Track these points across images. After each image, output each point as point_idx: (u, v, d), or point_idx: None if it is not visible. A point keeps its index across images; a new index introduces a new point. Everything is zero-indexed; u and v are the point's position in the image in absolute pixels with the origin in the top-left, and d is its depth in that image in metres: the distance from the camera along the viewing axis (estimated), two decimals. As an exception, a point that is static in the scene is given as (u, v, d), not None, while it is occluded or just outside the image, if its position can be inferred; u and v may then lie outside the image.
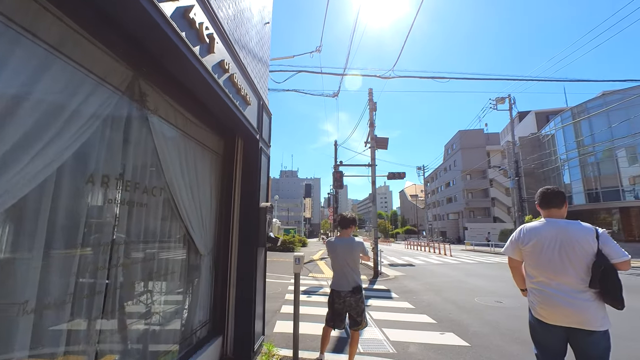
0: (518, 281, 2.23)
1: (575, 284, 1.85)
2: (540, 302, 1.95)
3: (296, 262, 2.98)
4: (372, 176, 12.68)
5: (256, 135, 3.14)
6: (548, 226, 2.00)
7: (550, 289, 1.90)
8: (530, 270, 2.04)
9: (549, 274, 1.92)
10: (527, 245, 2.02)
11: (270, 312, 5.18)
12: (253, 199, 3.13)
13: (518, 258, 2.12)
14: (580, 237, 1.89)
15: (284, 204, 77.72)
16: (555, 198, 2.11)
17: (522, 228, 2.12)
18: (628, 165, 25.79)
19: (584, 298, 1.83)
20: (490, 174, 46.47)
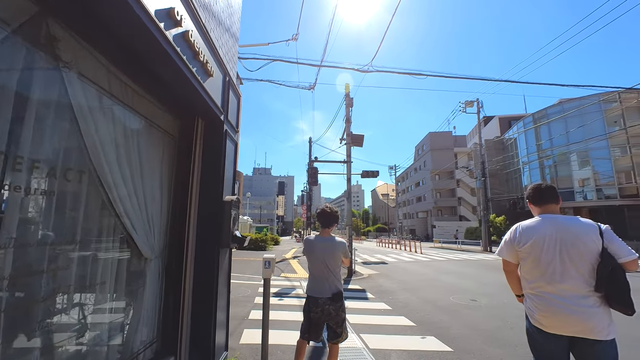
0: (514, 286, 2.01)
1: (579, 288, 1.64)
2: (540, 310, 1.73)
3: (265, 265, 2.54)
4: (348, 173, 12.44)
5: (220, 116, 2.64)
6: (546, 223, 1.79)
7: (551, 295, 1.70)
8: (527, 274, 1.82)
9: (550, 277, 1.70)
10: (524, 246, 1.80)
11: (236, 319, 4.68)
12: (215, 192, 2.63)
13: (514, 261, 1.90)
14: (583, 234, 1.69)
15: (257, 202, 76.15)
16: (550, 193, 1.93)
17: (517, 227, 1.91)
18: (578, 168, 27.93)
19: (589, 304, 1.62)
20: (457, 174, 48.55)
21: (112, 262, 1.83)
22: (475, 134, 44.78)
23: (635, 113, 25.90)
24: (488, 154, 30.17)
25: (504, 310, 5.53)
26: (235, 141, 3.13)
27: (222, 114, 2.65)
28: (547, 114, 29.74)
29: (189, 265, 2.46)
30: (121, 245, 1.92)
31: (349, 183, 12.09)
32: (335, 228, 8.76)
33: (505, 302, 6.27)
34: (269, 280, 2.58)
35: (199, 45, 2.09)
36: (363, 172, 14.79)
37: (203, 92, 2.23)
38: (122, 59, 1.81)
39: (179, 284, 2.43)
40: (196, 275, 2.48)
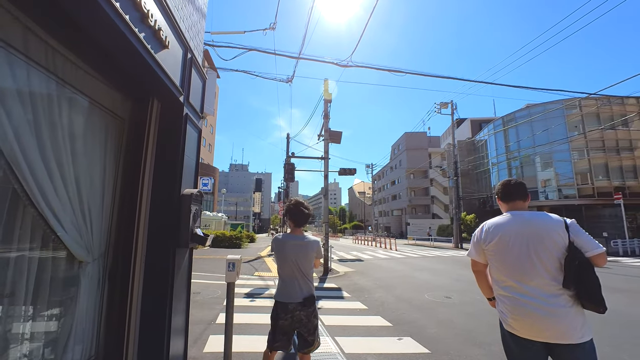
0: (484, 289, 1.93)
1: (548, 285, 1.56)
2: (511, 312, 1.64)
3: (229, 268, 2.25)
4: (325, 170, 12.25)
5: (179, 97, 2.30)
6: (512, 220, 1.72)
7: (519, 295, 1.61)
8: (496, 274, 1.74)
9: (518, 275, 1.62)
10: (490, 243, 1.73)
11: (202, 324, 4.32)
12: (172, 184, 2.29)
13: (482, 260, 1.82)
14: (548, 229, 1.62)
15: (233, 198, 74.49)
16: (518, 189, 1.85)
17: (483, 225, 1.84)
18: (542, 170, 29.65)
19: (560, 303, 1.53)
20: (431, 174, 50.07)
21: (29, 268, 1.47)
22: (448, 135, 46.34)
23: (594, 119, 27.85)
24: (460, 155, 31.22)
25: (477, 306, 5.57)
26: (199, 128, 2.79)
27: (180, 94, 2.31)
28: (515, 117, 31.26)
29: (138, 268, 2.12)
30: (43, 247, 1.55)
31: (326, 180, 11.90)
32: (313, 225, 8.42)
33: (478, 298, 6.35)
34: (234, 285, 2.29)
35: (149, 7, 1.75)
36: (340, 169, 14.68)
37: (155, 65, 1.89)
38: (45, 18, 1.44)
39: (125, 290, 2.07)
40: (147, 279, 2.14)
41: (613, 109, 27.55)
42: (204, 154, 44.75)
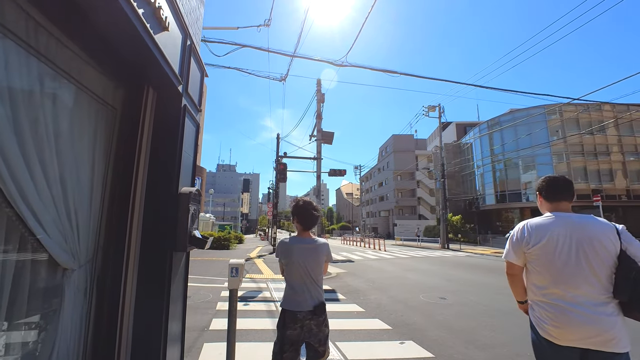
0: (518, 292, 1.80)
1: (597, 294, 1.48)
2: (552, 319, 1.53)
3: (232, 273, 2.07)
4: (318, 170, 12.13)
5: (178, 87, 2.10)
6: (559, 222, 1.60)
7: (565, 303, 1.51)
8: (537, 279, 1.62)
9: (565, 283, 1.52)
10: (535, 246, 1.60)
11: (195, 330, 4.08)
12: (169, 181, 2.08)
13: (520, 263, 1.70)
14: (600, 234, 1.52)
15: (220, 199, 73.33)
16: (567, 189, 1.74)
17: (525, 225, 1.69)
18: (523, 172, 30.55)
19: (608, 312, 1.46)
20: (418, 175, 50.79)
21: (4, 277, 1.25)
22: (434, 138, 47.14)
23: (574, 124, 28.94)
24: (446, 158, 31.80)
25: (474, 308, 5.56)
26: (197, 122, 2.59)
27: (179, 84, 2.11)
28: (499, 121, 32.11)
29: (131, 274, 1.90)
30: (20, 251, 1.33)
31: (318, 180, 11.78)
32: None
33: (472, 299, 6.37)
34: (236, 292, 2.11)
35: (150, -17, 1.55)
36: (331, 170, 14.61)
37: (154, 48, 1.69)
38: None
39: (115, 299, 1.85)
40: (140, 286, 1.92)
41: (591, 115, 28.72)
42: (189, 153, 43.70)
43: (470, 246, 25.25)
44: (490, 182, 33.56)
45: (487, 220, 34.41)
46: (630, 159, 28.57)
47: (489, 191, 33.89)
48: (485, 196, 34.31)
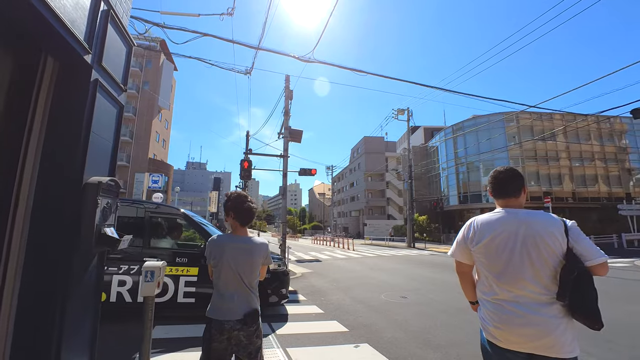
0: (468, 291, 1.72)
1: (540, 295, 1.39)
2: (495, 320, 1.45)
3: (146, 277, 1.75)
4: (284, 168, 11.82)
5: (84, 57, 1.76)
6: (506, 218, 1.51)
7: (507, 302, 1.43)
8: (483, 278, 1.55)
9: (507, 282, 1.44)
10: (478, 244, 1.52)
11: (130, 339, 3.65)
12: (69, 169, 1.73)
13: (468, 262, 1.62)
14: (546, 231, 1.42)
15: (188, 198, 70.34)
16: (511, 182, 1.60)
17: (472, 222, 1.62)
18: (483, 175, 32.32)
19: (551, 314, 1.36)
20: (387, 177, 52.10)
21: None
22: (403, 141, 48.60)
23: (528, 131, 31.09)
24: (414, 160, 32.84)
25: (432, 306, 5.60)
26: (120, 104, 2.23)
27: (87, 54, 1.77)
28: (463, 126, 33.74)
29: (9, 288, 1.53)
30: None
31: (285, 178, 11.48)
32: (273, 225, 7.79)
33: (432, 297, 6.44)
34: (153, 301, 1.79)
35: None
36: (301, 169, 14.36)
37: (37, 2, 1.35)
38: None
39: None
40: (24, 304, 1.55)
41: (544, 123, 31.05)
42: (157, 150, 41.37)
43: (434, 245, 26.20)
44: (454, 184, 35.17)
45: (451, 220, 36.00)
46: (576, 165, 31.27)
47: (452, 192, 35.50)
48: (450, 197, 35.90)
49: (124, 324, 4.18)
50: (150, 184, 34.80)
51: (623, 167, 31.84)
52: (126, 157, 34.64)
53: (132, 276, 4.15)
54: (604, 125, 31.60)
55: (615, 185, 31.40)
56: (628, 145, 32.37)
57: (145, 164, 35.88)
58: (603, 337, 3.92)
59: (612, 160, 31.94)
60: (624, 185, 31.52)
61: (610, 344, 3.76)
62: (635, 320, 4.86)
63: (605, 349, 3.62)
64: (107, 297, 4.07)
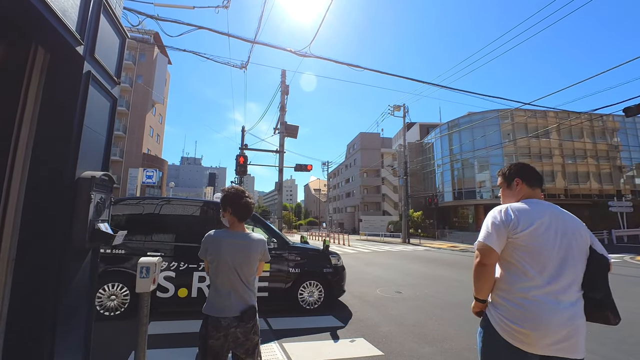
0: (486, 288, 1.45)
1: (576, 290, 1.35)
2: (527, 319, 1.29)
3: (142, 274, 1.74)
4: (280, 164, 11.79)
5: (77, 48, 1.71)
6: (543, 208, 1.45)
7: (547, 299, 1.29)
8: (517, 270, 1.37)
9: (551, 275, 1.33)
10: (524, 231, 1.36)
11: (126, 335, 3.63)
12: (62, 163, 1.69)
13: (500, 251, 1.40)
14: (580, 226, 1.44)
15: (183, 193, 69.97)
16: (539, 174, 1.65)
17: (507, 208, 1.45)
18: (478, 172, 32.60)
19: (580, 313, 1.34)
20: (383, 173, 52.28)
21: None
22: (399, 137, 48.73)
23: (523, 129, 31.35)
24: (409, 156, 32.99)
25: (427, 301, 5.66)
26: (114, 97, 2.18)
27: (80, 45, 1.72)
28: (458, 123, 33.88)
29: (2, 283, 1.50)
30: None
31: (280, 174, 11.46)
32: (268, 221, 7.73)
33: (426, 292, 6.51)
34: (149, 297, 1.78)
35: None
36: (297, 165, 14.34)
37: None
38: None
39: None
40: (15, 302, 1.52)
41: (538, 121, 31.34)
42: (151, 144, 40.92)
43: (429, 240, 26.46)
44: (449, 180, 35.43)
45: (445, 216, 36.34)
46: (569, 162, 31.68)
47: (447, 189, 35.78)
48: (444, 193, 36.17)
49: (119, 320, 4.16)
50: (144, 179, 34.49)
51: (614, 164, 32.34)
52: (119, 151, 34.23)
53: None
54: (596, 123, 32.00)
55: (607, 183, 31.92)
56: (619, 143, 32.86)
57: (139, 158, 35.49)
58: (592, 331, 4.01)
59: (604, 157, 32.42)
60: (614, 182, 32.06)
61: (600, 337, 3.84)
62: (625, 315, 4.96)
63: (596, 343, 3.70)
64: (188, 292, 4.36)
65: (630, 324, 4.43)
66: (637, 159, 32.72)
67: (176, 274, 4.36)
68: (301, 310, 4.86)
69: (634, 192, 31.90)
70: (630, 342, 3.76)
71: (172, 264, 4.37)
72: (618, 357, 3.36)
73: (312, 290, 5.02)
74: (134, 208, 4.82)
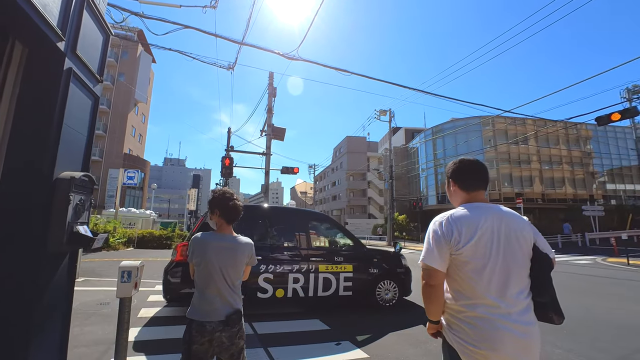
0: (437, 309, 1.36)
1: (524, 299, 1.25)
2: (483, 339, 1.20)
3: (123, 278, 1.68)
4: (267, 166, 11.71)
5: (58, 44, 1.65)
6: (486, 213, 1.30)
7: (499, 315, 1.20)
8: (464, 287, 1.28)
9: (499, 289, 1.23)
10: (467, 244, 1.25)
11: (104, 344, 3.49)
12: (39, 162, 1.62)
13: (444, 269, 1.30)
14: (521, 226, 1.30)
15: (166, 195, 68.11)
16: (484, 174, 1.44)
17: (447, 218, 1.32)
18: (461, 176, 33.43)
19: (532, 321, 1.24)
20: (369, 176, 52.81)
21: None
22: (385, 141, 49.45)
23: (503, 135, 32.47)
24: (395, 160, 33.52)
25: (410, 303, 5.74)
26: (96, 95, 2.12)
27: (61, 41, 1.66)
28: (442, 128, 34.76)
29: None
30: None
31: (267, 176, 11.37)
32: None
33: (412, 294, 6.59)
34: (130, 302, 1.72)
35: None
36: (283, 168, 14.28)
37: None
38: None
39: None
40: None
41: (517, 128, 32.55)
42: (133, 145, 39.73)
43: (413, 243, 26.86)
44: (433, 184, 36.20)
45: (429, 220, 35.98)
46: (545, 168, 33.03)
47: (431, 193, 36.53)
48: (428, 197, 36.91)
49: (98, 325, 4.00)
50: (125, 180, 33.31)
51: (587, 170, 33.98)
52: (99, 151, 33.06)
53: (303, 274, 4.81)
54: (571, 131, 33.55)
55: (580, 188, 33.46)
56: (592, 151, 34.56)
57: (120, 159, 34.39)
58: (567, 330, 4.18)
59: (578, 164, 34.00)
60: (587, 187, 33.65)
61: (574, 336, 4.01)
62: (601, 314, 5.20)
63: (570, 341, 3.85)
64: (284, 293, 4.71)
65: (607, 323, 4.66)
66: (608, 166, 34.53)
67: (273, 276, 4.64)
68: (378, 307, 5.24)
69: (605, 197, 33.60)
70: (604, 340, 3.94)
71: (269, 266, 4.66)
72: (593, 355, 3.51)
73: (387, 289, 5.39)
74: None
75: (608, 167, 34.54)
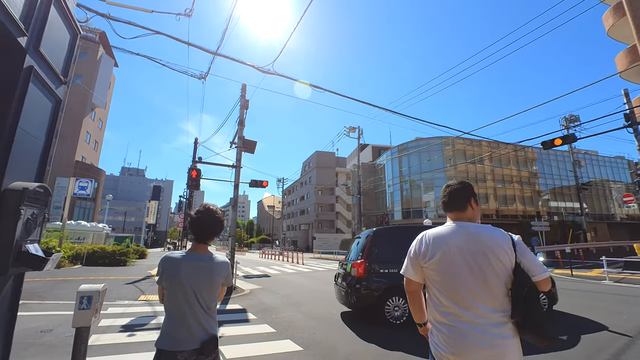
0: (417, 312, 1.62)
1: (495, 313, 1.33)
2: (449, 345, 1.35)
3: (81, 305, 1.47)
4: (236, 179, 11.34)
5: (19, 39, 1.48)
6: (456, 232, 1.45)
7: (463, 324, 1.33)
8: (436, 296, 1.45)
9: (461, 300, 1.36)
10: (431, 260, 1.44)
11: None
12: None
13: (419, 279, 1.53)
14: (495, 245, 1.38)
15: (122, 207, 63.02)
16: (459, 195, 1.55)
17: (423, 236, 1.53)
18: (424, 193, 35.13)
19: (504, 334, 1.31)
20: (337, 191, 53.47)
21: None
22: (353, 157, 50.70)
23: (462, 155, 34.84)
24: (363, 176, 34.40)
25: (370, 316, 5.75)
26: (58, 97, 1.92)
27: (23, 36, 1.49)
28: (407, 147, 36.52)
29: None
30: None
31: (236, 190, 11.01)
32: (217, 239, 7.51)
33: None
34: (88, 333, 1.49)
35: None
36: (252, 181, 13.96)
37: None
38: None
39: None
40: None
41: (474, 149, 35.15)
42: (87, 152, 36.62)
43: (380, 258, 27.29)
44: (399, 200, 37.54)
45: (395, 235, 37.97)
46: (499, 186, 35.83)
47: (397, 208, 37.80)
48: (394, 212, 38.11)
49: (38, 357, 3.48)
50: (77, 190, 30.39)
51: (534, 189, 37.40)
52: (46, 158, 30.00)
53: None
54: (520, 154, 36.92)
55: (529, 205, 36.62)
56: (537, 171, 38.25)
57: (71, 167, 31.51)
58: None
59: (527, 183, 37.34)
60: (534, 204, 36.92)
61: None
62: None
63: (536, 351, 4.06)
64: None
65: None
66: (551, 185, 38.33)
67: None
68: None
69: (549, 214, 37.03)
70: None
71: None
72: None
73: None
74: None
75: (551, 187, 38.31)
